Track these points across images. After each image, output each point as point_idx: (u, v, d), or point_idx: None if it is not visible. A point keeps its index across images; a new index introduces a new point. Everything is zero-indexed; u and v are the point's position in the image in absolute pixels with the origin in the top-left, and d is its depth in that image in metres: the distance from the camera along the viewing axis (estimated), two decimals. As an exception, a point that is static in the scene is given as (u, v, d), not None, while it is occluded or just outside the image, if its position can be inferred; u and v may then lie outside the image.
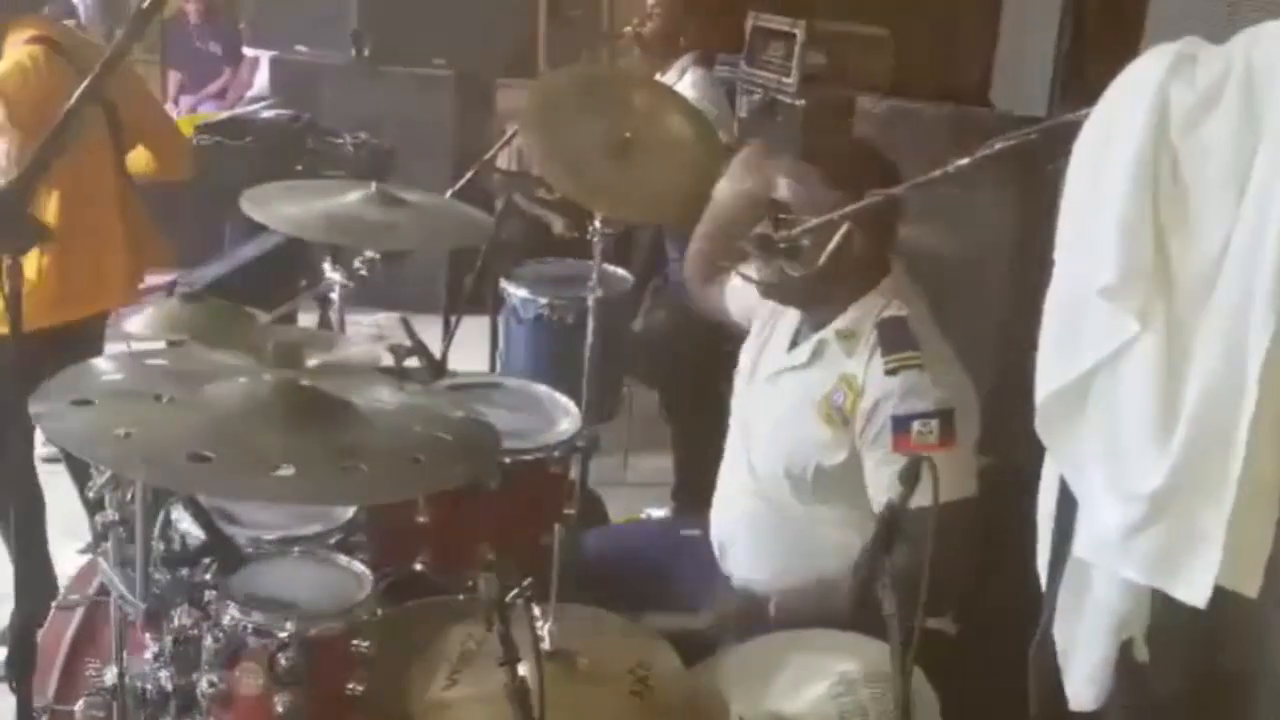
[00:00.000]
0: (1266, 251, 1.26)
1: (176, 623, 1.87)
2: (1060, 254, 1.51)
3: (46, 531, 2.87)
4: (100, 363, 1.84)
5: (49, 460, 3.40)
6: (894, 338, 2.10)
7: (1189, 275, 1.38)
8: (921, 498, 1.90)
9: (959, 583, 2.02)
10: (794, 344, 2.24)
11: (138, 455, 1.50)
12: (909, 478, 1.44)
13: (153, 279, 5.61)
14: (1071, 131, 1.52)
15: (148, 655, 1.90)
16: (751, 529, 2.26)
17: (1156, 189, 1.39)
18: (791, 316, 2.28)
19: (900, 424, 2.02)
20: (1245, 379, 1.29)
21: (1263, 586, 1.39)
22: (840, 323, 2.15)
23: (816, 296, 2.18)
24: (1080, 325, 1.49)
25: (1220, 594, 1.39)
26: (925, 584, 1.41)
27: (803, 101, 5.01)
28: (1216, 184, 1.34)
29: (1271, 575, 1.39)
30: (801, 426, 2.13)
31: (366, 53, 5.73)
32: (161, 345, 2.11)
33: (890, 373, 2.05)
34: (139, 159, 3.31)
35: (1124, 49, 1.54)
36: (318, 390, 1.66)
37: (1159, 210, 1.39)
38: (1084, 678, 1.65)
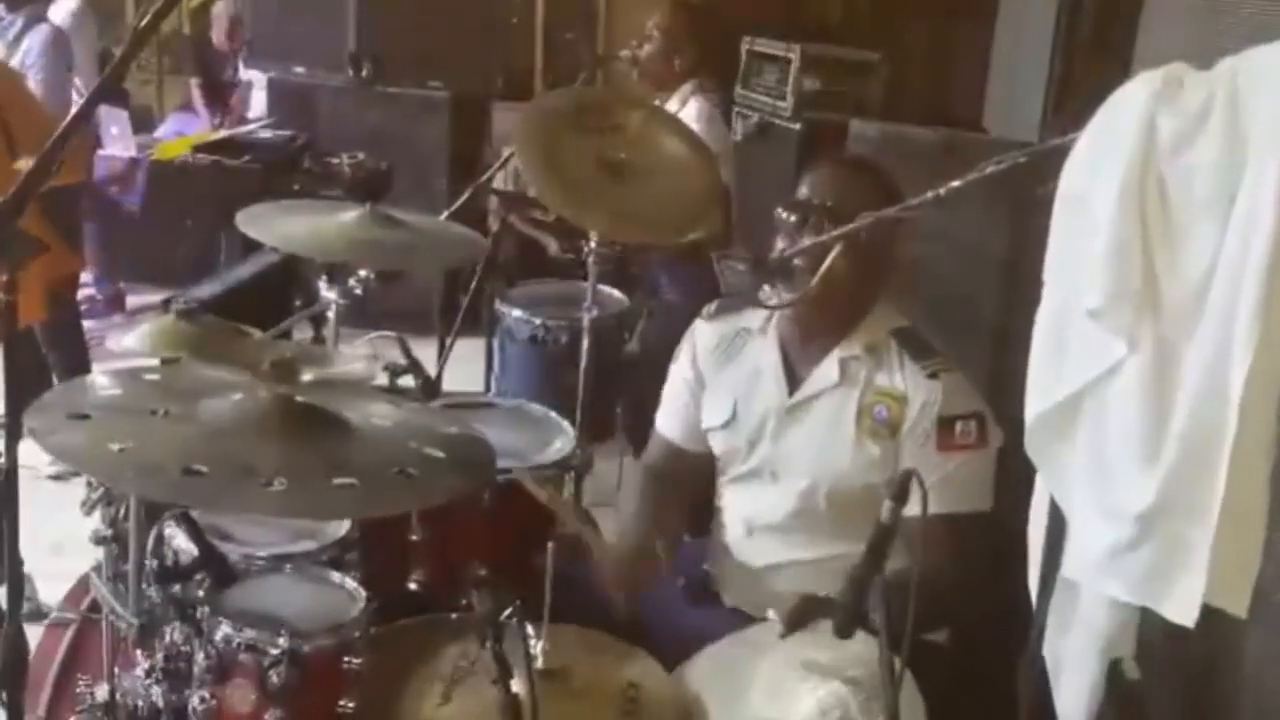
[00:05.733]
0: (1249, 273, 1.27)
1: (168, 639, 1.88)
2: (1049, 276, 1.53)
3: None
4: (97, 378, 1.85)
5: (55, 478, 3.41)
6: (918, 344, 2.14)
7: (1176, 297, 1.39)
8: (945, 505, 1.94)
9: (964, 599, 2.03)
10: (792, 375, 2.22)
11: (131, 470, 1.51)
12: (898, 493, 1.45)
13: (146, 297, 5.67)
14: (1061, 155, 1.53)
15: (139, 672, 1.91)
16: (791, 562, 2.21)
17: (1144, 212, 1.40)
18: (771, 351, 2.25)
19: (945, 424, 2.07)
20: (1229, 400, 1.30)
21: (1251, 608, 1.39)
22: (861, 339, 2.16)
23: (822, 317, 2.18)
24: (1069, 347, 1.50)
25: (1209, 614, 1.40)
26: (913, 595, 1.42)
27: (798, 125, 5.06)
28: (1203, 207, 1.36)
29: (1258, 597, 1.40)
30: (845, 449, 2.13)
31: (364, 74, 5.76)
32: (156, 362, 2.11)
33: (931, 376, 2.09)
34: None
35: (1114, 75, 1.55)
36: (312, 405, 1.67)
37: (1146, 233, 1.41)
38: (1073, 696, 1.66)
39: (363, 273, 2.80)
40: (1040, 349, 1.54)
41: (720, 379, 2.32)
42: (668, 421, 2.45)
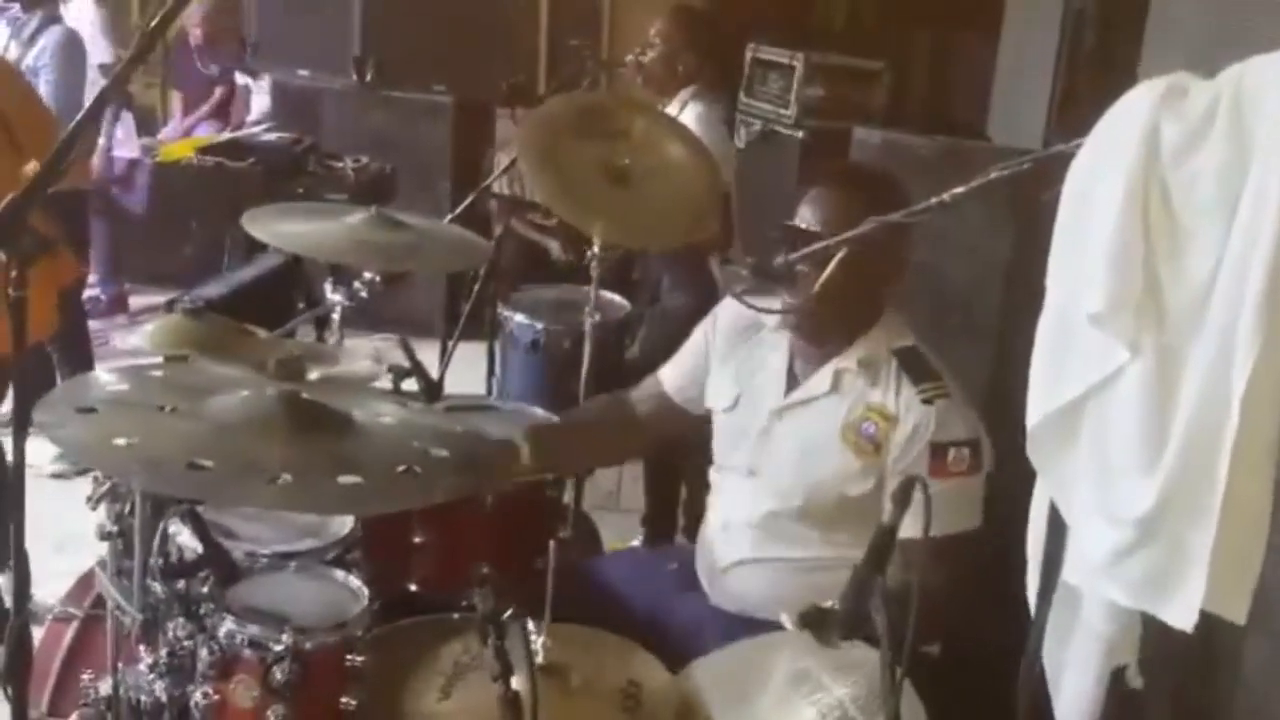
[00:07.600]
0: (1252, 277, 1.28)
1: (172, 634, 1.88)
2: (1052, 282, 1.54)
3: None
4: (103, 375, 1.85)
5: (56, 477, 3.42)
6: (919, 367, 2.14)
7: (1178, 303, 1.40)
8: (934, 529, 1.94)
9: (956, 612, 2.03)
10: (793, 378, 2.23)
11: (137, 464, 1.52)
12: (901, 499, 1.46)
13: (150, 298, 5.68)
14: (1065, 161, 1.54)
15: (143, 666, 1.91)
16: (755, 560, 2.23)
17: (1147, 218, 1.41)
18: (780, 352, 2.27)
19: (938, 451, 2.07)
20: (1231, 404, 1.31)
21: (1251, 614, 1.40)
22: (858, 353, 2.16)
23: (823, 326, 2.19)
24: (1071, 352, 1.51)
25: (1209, 620, 1.41)
26: (914, 610, 1.42)
27: (801, 133, 5.07)
28: (1205, 213, 1.37)
29: (1260, 603, 1.41)
30: (828, 458, 2.14)
31: (368, 77, 5.78)
32: (163, 359, 2.12)
33: (926, 401, 2.09)
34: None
35: (1118, 85, 1.56)
36: (318, 403, 1.67)
37: (1149, 239, 1.42)
38: (1073, 701, 1.67)
39: (367, 275, 2.81)
40: (1042, 354, 1.55)
41: (731, 364, 2.34)
42: (670, 369, 2.49)
